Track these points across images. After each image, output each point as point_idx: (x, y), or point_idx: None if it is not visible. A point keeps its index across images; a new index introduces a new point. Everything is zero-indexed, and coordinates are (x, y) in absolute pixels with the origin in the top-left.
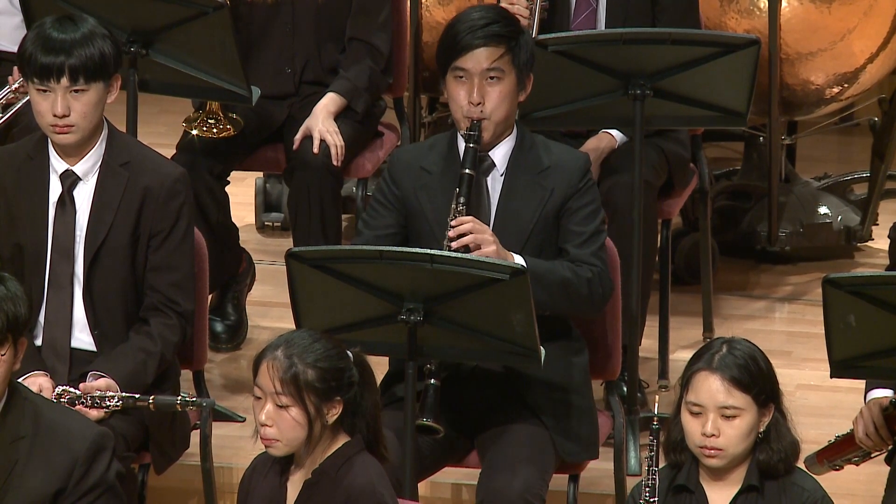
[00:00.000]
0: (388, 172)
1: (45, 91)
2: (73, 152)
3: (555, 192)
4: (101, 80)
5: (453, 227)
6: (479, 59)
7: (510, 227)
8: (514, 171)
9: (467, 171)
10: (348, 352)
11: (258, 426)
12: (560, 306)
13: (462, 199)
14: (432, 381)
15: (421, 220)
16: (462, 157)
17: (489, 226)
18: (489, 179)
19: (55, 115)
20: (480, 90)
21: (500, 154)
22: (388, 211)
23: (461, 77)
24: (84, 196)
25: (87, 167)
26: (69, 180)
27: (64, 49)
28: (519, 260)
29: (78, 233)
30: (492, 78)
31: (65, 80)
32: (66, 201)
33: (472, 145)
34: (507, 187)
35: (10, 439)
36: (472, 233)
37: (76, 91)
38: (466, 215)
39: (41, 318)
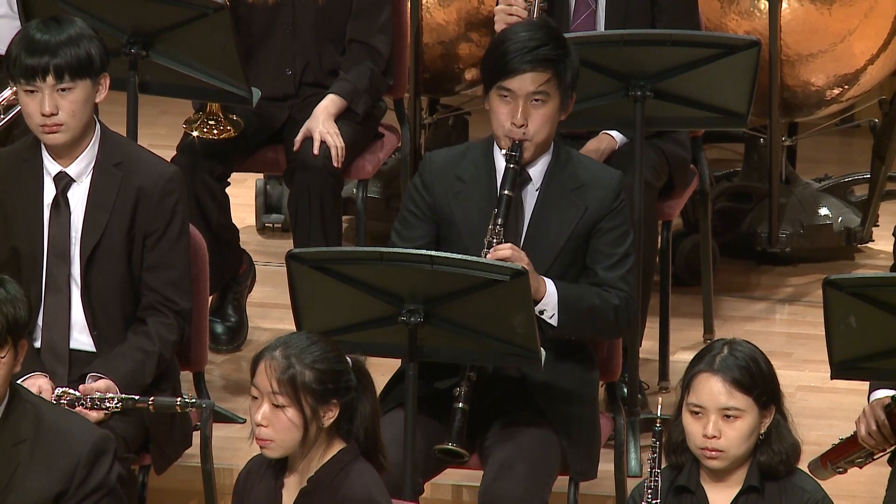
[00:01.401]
0: (420, 178)
1: (32, 91)
2: (65, 153)
3: (589, 209)
4: (88, 78)
5: (491, 252)
6: (525, 82)
7: (542, 241)
8: (550, 185)
9: (507, 192)
10: (347, 357)
11: (254, 426)
12: (586, 333)
13: (500, 221)
14: (460, 405)
15: (451, 228)
16: (502, 176)
17: (521, 239)
18: (524, 193)
19: (43, 115)
20: (525, 112)
21: (537, 168)
22: (420, 221)
23: (506, 97)
24: (78, 198)
25: (81, 168)
26: (63, 182)
27: (49, 49)
28: (550, 285)
29: (73, 235)
30: (536, 100)
31: (50, 79)
32: (61, 203)
33: (512, 166)
34: (541, 202)
35: (12, 442)
36: (510, 260)
37: (63, 89)
38: (504, 237)
39: (39, 321)
